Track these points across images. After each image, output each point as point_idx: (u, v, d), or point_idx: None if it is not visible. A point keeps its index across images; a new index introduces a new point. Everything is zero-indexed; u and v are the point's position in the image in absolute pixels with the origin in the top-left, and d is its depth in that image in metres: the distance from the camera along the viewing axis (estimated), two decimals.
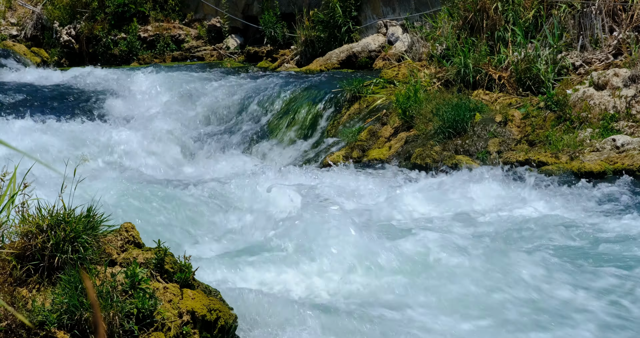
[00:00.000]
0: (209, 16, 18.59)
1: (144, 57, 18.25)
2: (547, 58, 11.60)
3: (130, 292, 5.19)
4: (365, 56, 15.26)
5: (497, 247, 7.47)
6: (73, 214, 5.24)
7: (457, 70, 12.11)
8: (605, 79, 10.76)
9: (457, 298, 6.48)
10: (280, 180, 9.44)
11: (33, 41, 18.99)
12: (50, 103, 14.22)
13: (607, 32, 11.97)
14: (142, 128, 13.41)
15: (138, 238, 5.64)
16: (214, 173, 11.67)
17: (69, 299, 5.00)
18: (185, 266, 5.50)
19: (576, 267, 7.01)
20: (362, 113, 12.54)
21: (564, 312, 6.28)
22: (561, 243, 7.64)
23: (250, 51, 17.53)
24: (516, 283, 6.70)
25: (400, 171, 10.62)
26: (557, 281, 6.74)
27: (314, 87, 13.67)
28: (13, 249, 5.20)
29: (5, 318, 4.99)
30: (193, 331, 5.33)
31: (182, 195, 9.05)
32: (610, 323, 6.13)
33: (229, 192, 9.43)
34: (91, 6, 18.51)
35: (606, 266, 7.05)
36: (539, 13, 12.40)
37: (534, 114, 10.91)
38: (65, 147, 11.99)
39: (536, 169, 9.96)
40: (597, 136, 10.24)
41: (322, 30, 15.99)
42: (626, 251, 7.37)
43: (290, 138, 12.96)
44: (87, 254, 5.25)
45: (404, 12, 15.28)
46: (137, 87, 14.89)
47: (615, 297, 6.51)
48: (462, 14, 12.77)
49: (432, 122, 11.19)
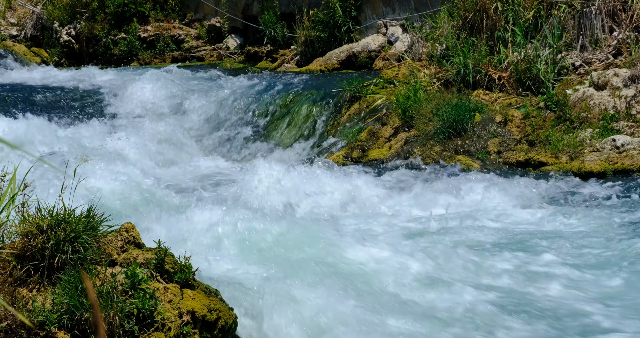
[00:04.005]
0: (208, 16, 18.59)
1: (144, 57, 18.25)
2: (547, 58, 11.60)
3: (130, 292, 5.19)
4: (365, 56, 15.26)
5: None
6: (73, 214, 5.24)
7: (457, 70, 12.11)
8: (605, 79, 10.76)
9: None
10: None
11: (33, 41, 18.99)
12: (50, 103, 14.21)
13: (607, 32, 11.97)
14: (141, 128, 13.42)
15: (138, 238, 5.64)
16: (206, 170, 11.75)
17: (69, 299, 5.00)
18: (185, 266, 5.50)
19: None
20: (362, 113, 12.54)
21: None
22: (575, 248, 7.62)
23: (250, 51, 17.53)
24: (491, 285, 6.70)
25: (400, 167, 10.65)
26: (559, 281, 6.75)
27: (313, 88, 13.68)
28: (13, 249, 5.21)
29: (6, 318, 4.99)
30: (193, 331, 5.33)
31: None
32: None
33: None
34: (91, 6, 18.51)
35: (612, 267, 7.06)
36: (538, 13, 12.40)
37: (534, 114, 10.91)
38: (65, 147, 11.99)
39: (536, 170, 9.97)
40: (597, 136, 10.24)
41: (322, 30, 15.99)
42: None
43: (290, 138, 12.96)
44: (87, 254, 5.25)
45: (404, 12, 15.29)
46: (137, 88, 14.88)
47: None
48: (462, 14, 12.78)
49: (432, 123, 11.19)
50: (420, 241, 7.63)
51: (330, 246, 7.02)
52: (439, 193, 9.42)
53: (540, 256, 7.28)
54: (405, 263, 6.91)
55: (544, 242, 7.61)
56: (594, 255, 7.33)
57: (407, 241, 7.57)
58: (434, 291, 6.49)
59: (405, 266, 6.86)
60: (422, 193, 9.47)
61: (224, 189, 9.80)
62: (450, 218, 8.49)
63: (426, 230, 8.14)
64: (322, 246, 7.02)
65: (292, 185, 9.28)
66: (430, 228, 8.18)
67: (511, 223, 8.42)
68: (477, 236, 7.83)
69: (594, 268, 7.04)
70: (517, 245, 7.59)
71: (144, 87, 14.73)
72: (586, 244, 7.58)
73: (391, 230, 8.04)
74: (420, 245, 7.47)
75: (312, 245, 7.02)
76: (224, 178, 11.03)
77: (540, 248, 7.49)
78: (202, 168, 12.07)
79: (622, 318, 6.11)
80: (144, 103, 14.40)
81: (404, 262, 6.92)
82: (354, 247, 7.04)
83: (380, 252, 7.03)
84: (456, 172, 10.25)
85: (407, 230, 8.11)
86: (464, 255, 7.16)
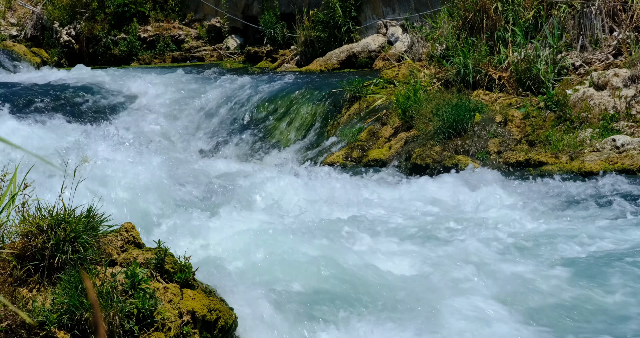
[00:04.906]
0: (208, 16, 18.59)
1: (144, 57, 18.25)
2: (547, 58, 11.60)
3: (130, 292, 5.19)
4: (365, 56, 15.26)
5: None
6: (73, 214, 5.24)
7: (457, 70, 12.11)
8: (605, 80, 10.76)
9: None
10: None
11: (33, 41, 18.99)
12: (49, 103, 14.21)
13: (607, 32, 11.97)
14: (139, 129, 13.42)
15: (138, 238, 5.64)
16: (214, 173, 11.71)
17: (69, 299, 5.00)
18: (185, 266, 5.50)
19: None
20: (362, 113, 12.54)
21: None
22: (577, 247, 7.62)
23: (250, 51, 17.53)
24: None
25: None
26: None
27: (314, 88, 13.68)
28: (13, 249, 5.21)
29: (6, 318, 4.99)
30: (193, 331, 5.33)
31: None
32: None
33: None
34: (91, 6, 18.51)
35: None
36: (538, 13, 12.40)
37: (534, 115, 10.91)
38: (65, 147, 11.98)
39: (536, 170, 9.97)
40: (597, 136, 10.24)
41: (322, 31, 15.99)
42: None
43: (290, 138, 12.96)
44: (87, 254, 5.25)
45: (404, 12, 15.29)
46: (137, 88, 14.88)
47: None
48: (462, 14, 12.78)
49: (432, 123, 11.19)
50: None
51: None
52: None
53: (537, 259, 7.29)
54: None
55: (542, 242, 7.61)
56: (593, 255, 7.34)
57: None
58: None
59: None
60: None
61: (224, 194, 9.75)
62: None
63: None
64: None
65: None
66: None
67: (511, 223, 8.42)
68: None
69: (594, 268, 7.05)
70: (517, 245, 7.59)
71: (144, 87, 14.73)
72: (586, 244, 7.58)
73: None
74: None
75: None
76: (228, 178, 11.00)
77: (536, 250, 7.50)
78: (201, 168, 12.05)
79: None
80: (143, 103, 14.40)
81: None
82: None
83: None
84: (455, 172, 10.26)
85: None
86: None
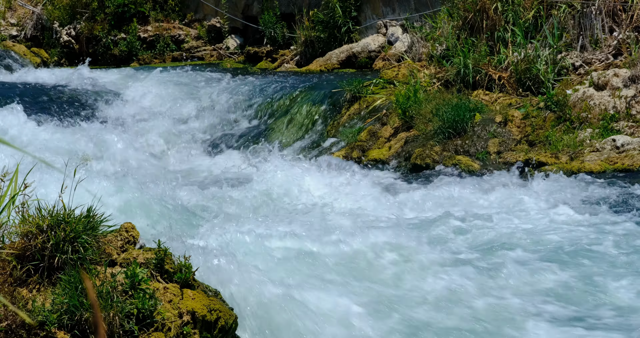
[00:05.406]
0: (208, 16, 18.59)
1: (144, 57, 18.24)
2: (547, 58, 11.60)
3: (130, 292, 5.19)
4: (365, 56, 15.26)
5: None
6: (73, 214, 5.24)
7: (457, 70, 12.11)
8: (605, 80, 10.76)
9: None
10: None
11: (33, 41, 18.98)
12: (49, 103, 14.21)
13: (607, 32, 11.97)
14: (138, 129, 13.43)
15: (138, 238, 5.64)
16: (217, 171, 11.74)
17: (69, 299, 5.00)
18: (185, 266, 5.50)
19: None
20: (362, 113, 12.54)
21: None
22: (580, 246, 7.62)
23: (250, 51, 17.52)
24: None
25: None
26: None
27: (313, 88, 13.68)
28: (13, 249, 5.21)
29: (6, 318, 4.99)
30: (193, 331, 5.33)
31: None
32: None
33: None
34: (91, 6, 18.51)
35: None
36: (538, 13, 12.40)
37: (534, 115, 10.91)
38: (65, 147, 11.98)
39: (536, 170, 9.97)
40: (597, 136, 10.24)
41: (322, 31, 15.99)
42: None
43: (290, 138, 12.96)
44: (87, 254, 5.25)
45: (404, 12, 15.29)
46: (137, 88, 14.88)
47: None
48: (462, 14, 12.78)
49: (432, 123, 11.19)
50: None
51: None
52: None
53: (537, 255, 7.29)
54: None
55: (541, 243, 7.61)
56: (595, 254, 7.34)
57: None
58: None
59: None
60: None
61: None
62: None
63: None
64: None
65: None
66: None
67: (510, 223, 8.42)
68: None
69: (594, 268, 7.05)
70: (516, 246, 7.59)
71: (145, 87, 14.73)
72: (586, 244, 7.58)
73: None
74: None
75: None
76: (228, 178, 11.01)
77: (537, 249, 7.50)
78: (200, 169, 12.06)
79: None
80: (143, 103, 14.40)
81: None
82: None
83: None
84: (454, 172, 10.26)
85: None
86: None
